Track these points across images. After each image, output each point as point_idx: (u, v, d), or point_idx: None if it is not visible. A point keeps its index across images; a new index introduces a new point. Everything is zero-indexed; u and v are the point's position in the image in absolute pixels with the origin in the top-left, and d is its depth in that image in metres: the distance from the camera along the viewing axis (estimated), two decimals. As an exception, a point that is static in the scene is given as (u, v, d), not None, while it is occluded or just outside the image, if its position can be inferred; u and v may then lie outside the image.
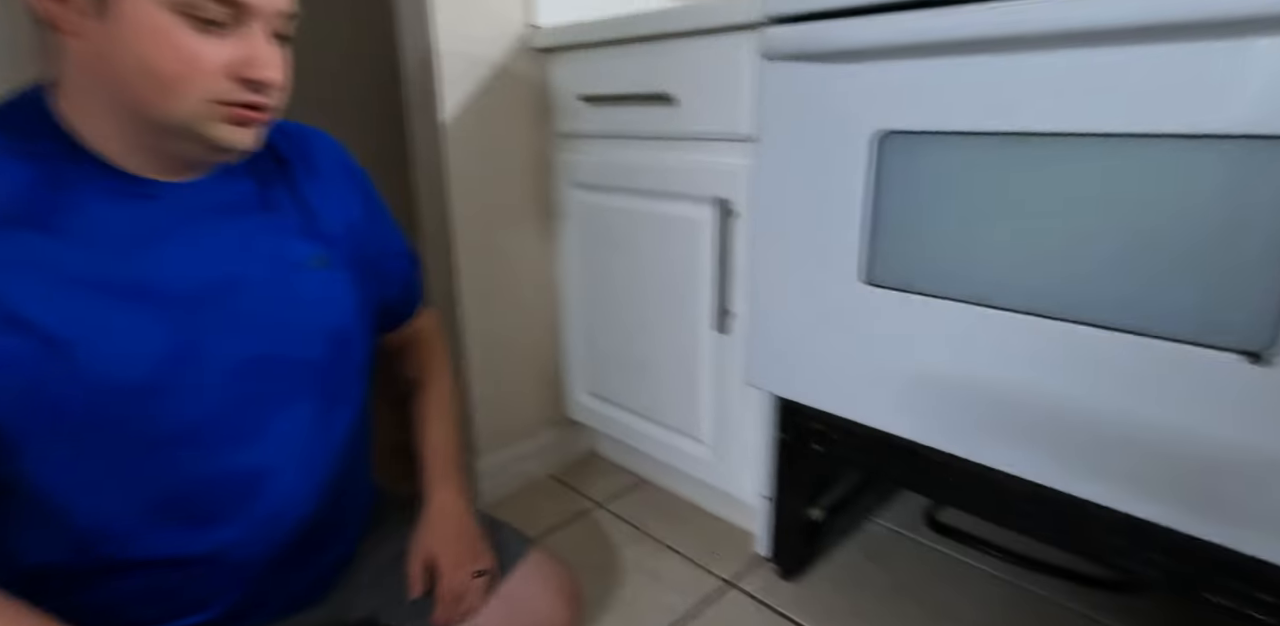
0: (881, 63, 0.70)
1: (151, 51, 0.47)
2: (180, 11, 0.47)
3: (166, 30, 0.47)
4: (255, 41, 0.50)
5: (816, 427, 0.90)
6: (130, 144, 0.52)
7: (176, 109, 0.49)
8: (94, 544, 0.56)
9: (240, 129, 0.52)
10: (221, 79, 0.49)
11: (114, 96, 0.49)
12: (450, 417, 0.81)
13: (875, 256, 0.75)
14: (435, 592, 0.69)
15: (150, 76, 0.48)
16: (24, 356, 0.48)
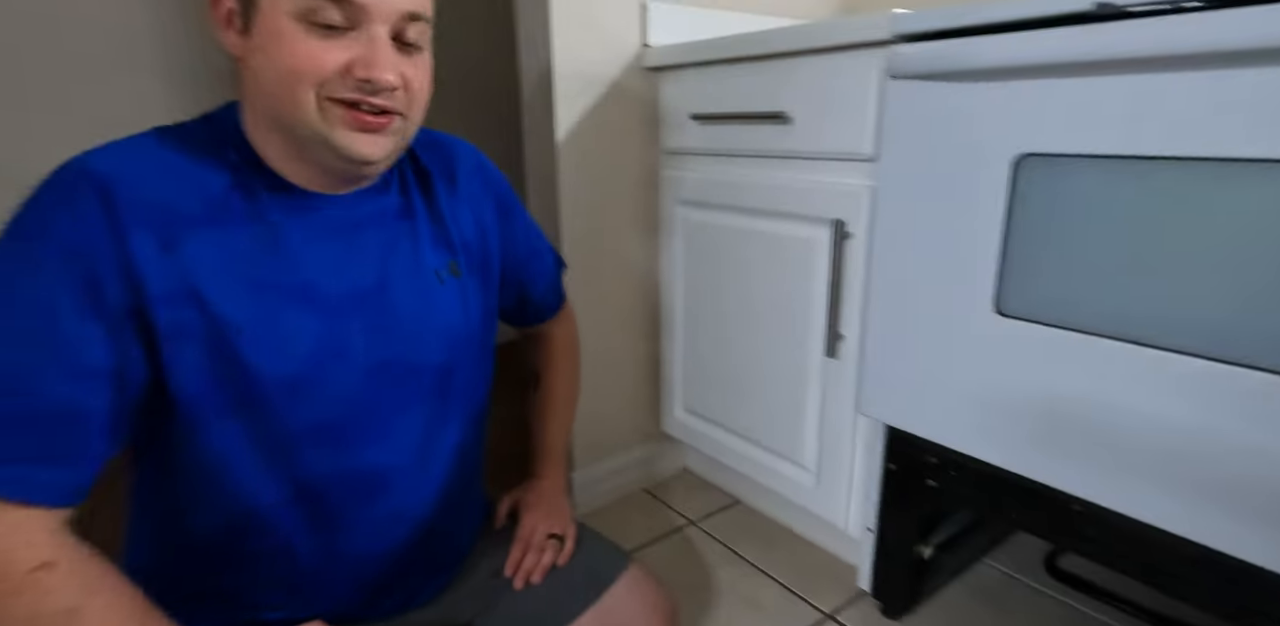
0: (1021, 82, 0.67)
1: (279, 57, 0.50)
2: (302, 18, 0.50)
3: (290, 35, 0.50)
4: (374, 44, 0.51)
5: (930, 461, 0.86)
6: (290, 158, 0.56)
7: (302, 112, 0.51)
8: (238, 529, 0.59)
9: (364, 136, 0.53)
10: (337, 79, 0.51)
11: (266, 109, 0.54)
12: (565, 416, 0.89)
13: (1009, 285, 0.71)
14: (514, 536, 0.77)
15: (279, 81, 0.51)
16: (197, 330, 0.52)
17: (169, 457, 0.56)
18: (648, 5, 1.12)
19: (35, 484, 0.47)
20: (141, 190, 0.50)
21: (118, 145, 0.52)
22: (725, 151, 1.05)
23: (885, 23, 0.78)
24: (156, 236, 0.50)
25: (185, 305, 0.51)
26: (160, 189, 0.51)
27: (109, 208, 0.48)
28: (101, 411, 0.50)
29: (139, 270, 0.49)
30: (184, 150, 0.54)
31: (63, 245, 0.47)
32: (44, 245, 0.47)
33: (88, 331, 0.48)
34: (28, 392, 0.47)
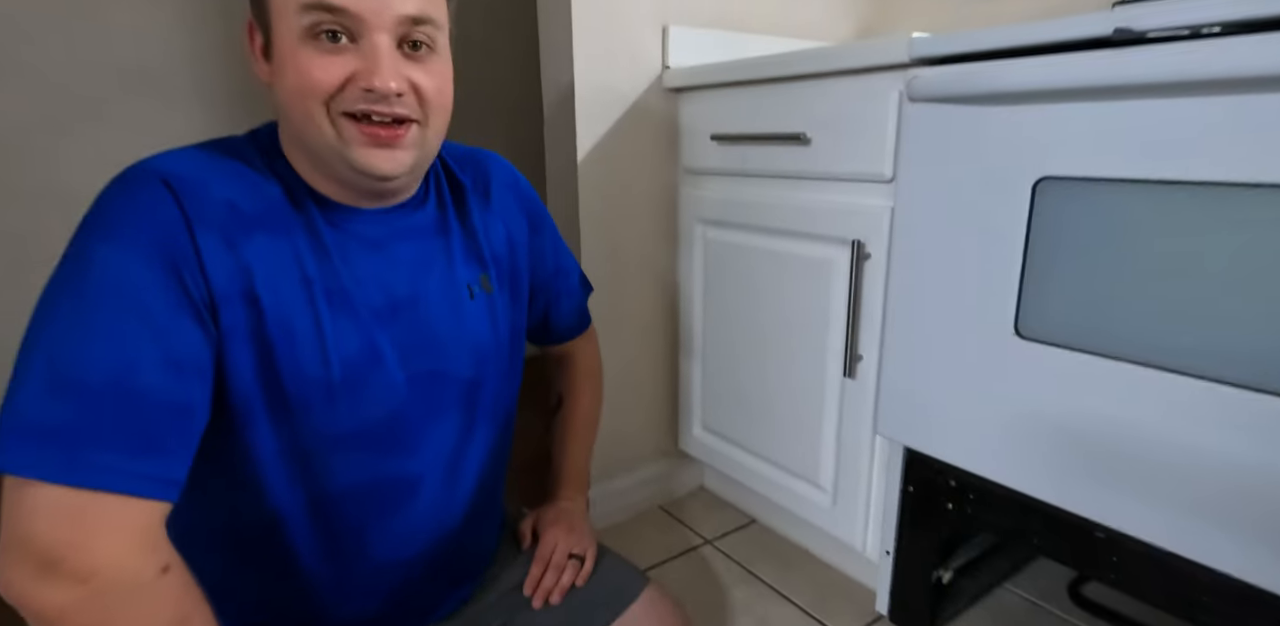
0: (1039, 106, 0.67)
1: (291, 77, 0.52)
2: (308, 36, 0.50)
3: (299, 55, 0.51)
4: (376, 52, 0.51)
5: (949, 483, 0.85)
6: (320, 175, 0.57)
7: (318, 130, 0.52)
8: (261, 530, 0.60)
9: (381, 152, 0.53)
10: (344, 91, 0.51)
11: (291, 130, 0.55)
12: (587, 439, 0.89)
13: (1029, 308, 0.70)
14: (535, 555, 0.77)
15: (293, 102, 0.52)
16: (250, 330, 0.53)
17: (206, 454, 0.57)
18: (669, 28, 1.14)
19: (150, 477, 0.47)
20: (207, 190, 0.51)
21: (179, 152, 0.54)
22: (745, 171, 1.06)
23: (904, 46, 0.79)
24: (221, 235, 0.51)
25: (242, 304, 0.52)
26: (222, 191, 0.52)
27: (181, 206, 0.50)
28: (201, 404, 0.50)
29: (208, 267, 0.50)
30: (239, 160, 0.56)
31: (148, 241, 0.48)
32: (129, 242, 0.48)
33: (181, 324, 0.49)
34: (134, 387, 0.47)
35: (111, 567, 0.45)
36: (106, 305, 0.47)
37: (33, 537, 0.44)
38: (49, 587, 0.44)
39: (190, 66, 1.58)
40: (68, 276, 0.48)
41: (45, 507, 0.44)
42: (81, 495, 0.45)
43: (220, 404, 0.54)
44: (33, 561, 0.44)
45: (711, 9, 1.20)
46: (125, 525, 0.46)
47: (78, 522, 0.45)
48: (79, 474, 0.44)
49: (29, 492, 0.44)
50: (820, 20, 1.38)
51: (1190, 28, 0.58)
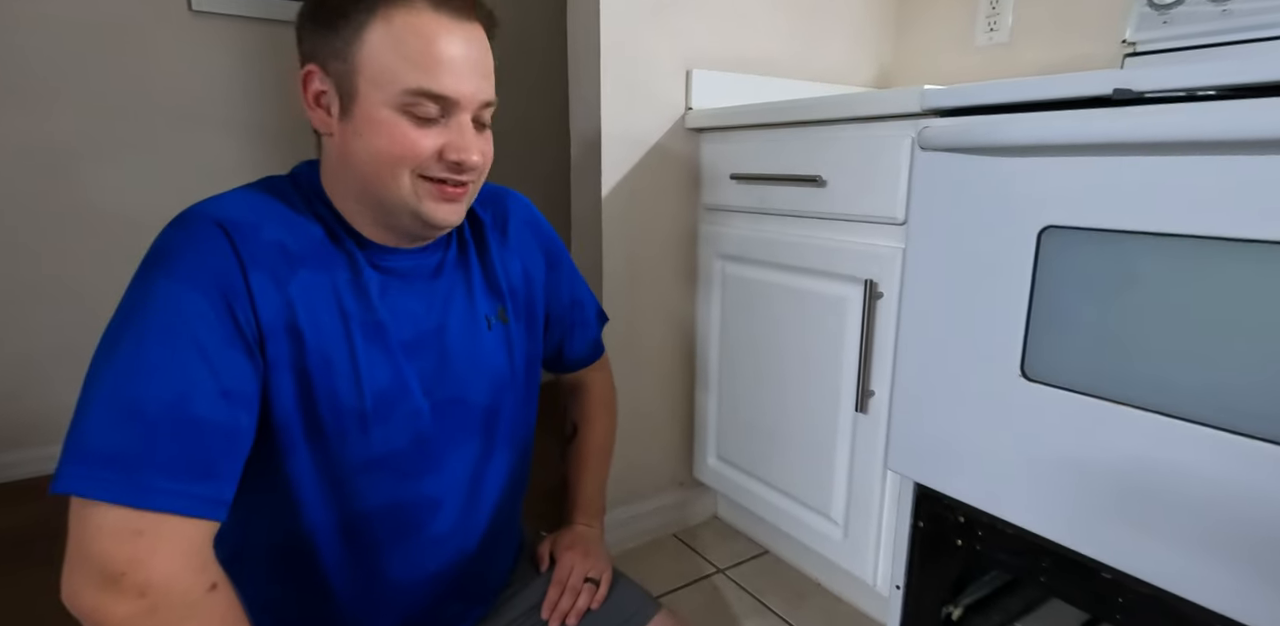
0: (1043, 158, 0.70)
1: (378, 142, 0.57)
2: (402, 109, 0.56)
3: (391, 124, 0.56)
4: (462, 130, 0.58)
5: (958, 520, 0.86)
6: (368, 218, 0.62)
7: (395, 188, 0.58)
8: (291, 547, 0.63)
9: (446, 205, 0.60)
10: (432, 161, 0.58)
11: (354, 180, 0.60)
12: (603, 467, 0.91)
13: (1035, 351, 0.73)
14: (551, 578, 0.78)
15: (377, 162, 0.57)
16: (292, 362, 0.57)
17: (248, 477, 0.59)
18: (692, 72, 1.19)
19: (203, 498, 0.51)
20: (258, 233, 0.56)
21: (230, 196, 0.59)
22: (763, 209, 1.10)
23: (916, 97, 0.82)
24: (270, 274, 0.56)
25: (286, 337, 0.57)
26: (272, 233, 0.57)
27: (235, 247, 0.54)
28: (247, 430, 0.55)
29: (258, 303, 0.55)
30: (283, 202, 0.60)
31: (205, 280, 0.53)
32: (188, 280, 0.52)
33: (233, 357, 0.53)
34: (189, 416, 0.50)
35: (166, 583, 0.49)
36: (165, 338, 0.51)
37: (97, 554, 0.48)
38: (112, 601, 0.48)
39: (236, 100, 1.67)
40: (130, 310, 0.52)
41: (108, 527, 0.48)
42: (141, 515, 0.48)
43: (263, 429, 0.57)
44: (97, 576, 0.48)
45: (735, 54, 1.25)
46: (179, 543, 0.50)
47: (137, 540, 0.48)
48: (138, 496, 0.48)
49: (93, 513, 0.48)
50: (841, 65, 1.43)
51: (1186, 90, 0.61)
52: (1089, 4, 1.20)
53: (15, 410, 1.56)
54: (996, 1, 1.32)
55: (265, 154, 1.71)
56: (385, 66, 0.55)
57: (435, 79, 0.55)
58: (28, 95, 1.46)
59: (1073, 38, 1.23)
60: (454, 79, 0.56)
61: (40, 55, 1.46)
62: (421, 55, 0.55)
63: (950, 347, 0.81)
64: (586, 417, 0.91)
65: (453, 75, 0.56)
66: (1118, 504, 0.68)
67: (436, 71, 0.55)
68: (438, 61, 0.55)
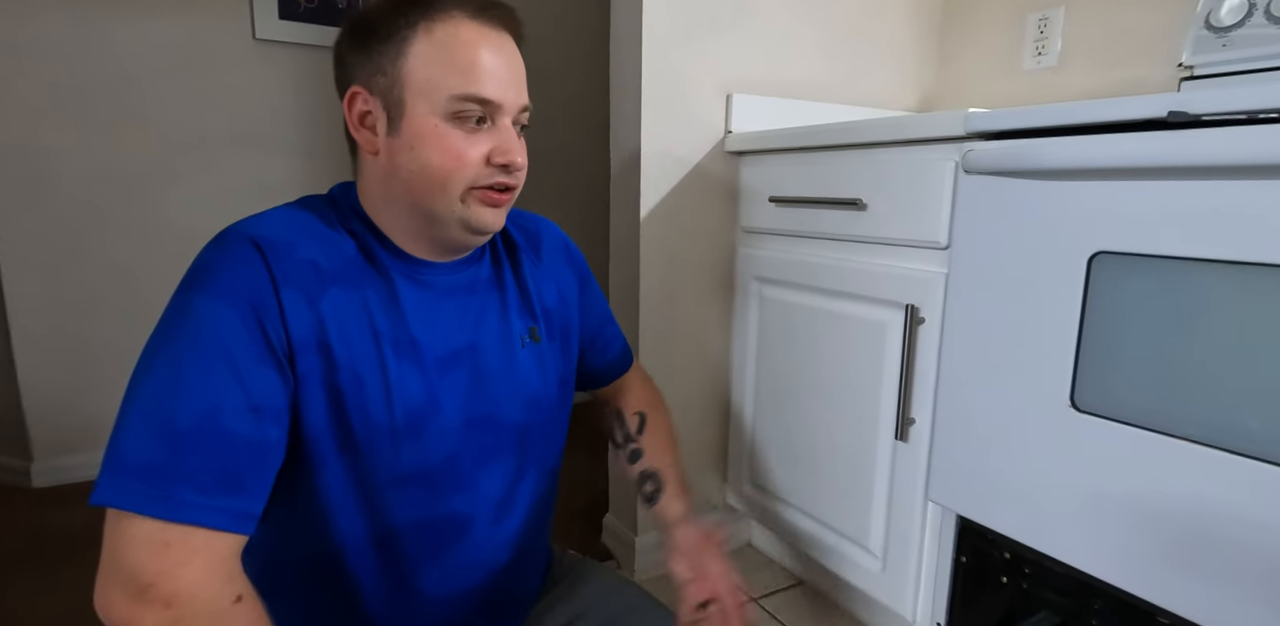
0: (1093, 182, 0.68)
1: (429, 153, 0.58)
2: (451, 117, 0.58)
3: (441, 135, 0.58)
4: (505, 133, 0.60)
5: (1003, 556, 0.83)
6: (411, 234, 0.64)
7: (446, 199, 0.59)
8: (323, 562, 0.64)
9: (491, 210, 0.61)
10: (480, 167, 0.60)
11: (400, 196, 0.61)
12: (677, 451, 0.87)
13: (1086, 381, 0.70)
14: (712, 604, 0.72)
15: (427, 174, 0.59)
16: (322, 378, 0.58)
17: (281, 491, 0.61)
18: (732, 96, 1.20)
19: (231, 512, 0.51)
20: (291, 252, 0.58)
21: (268, 215, 0.61)
22: (801, 233, 1.09)
23: (960, 120, 0.82)
24: (302, 291, 0.57)
25: (317, 353, 0.58)
26: (305, 251, 0.59)
27: (268, 265, 0.56)
28: (277, 444, 0.56)
29: (289, 319, 0.56)
30: (318, 220, 0.62)
31: (238, 296, 0.54)
32: (221, 296, 0.54)
33: (263, 372, 0.54)
34: (220, 429, 0.51)
35: (192, 594, 0.50)
36: (197, 354, 0.53)
37: (128, 565, 0.49)
38: (141, 611, 0.49)
39: (293, 123, 1.74)
40: (168, 326, 0.54)
41: (140, 538, 0.49)
42: (171, 527, 0.50)
43: (295, 444, 0.58)
44: (128, 586, 0.49)
45: (775, 78, 1.26)
46: (206, 555, 0.51)
47: (165, 552, 0.49)
48: (168, 508, 0.49)
49: (125, 524, 0.50)
50: (883, 90, 1.43)
51: (1247, 113, 0.59)
52: (1142, 27, 1.18)
53: (75, 414, 1.62)
54: (1045, 25, 1.30)
55: (319, 174, 1.77)
56: (431, 75, 0.57)
57: (480, 84, 0.58)
58: (110, 120, 1.55)
59: (1124, 62, 1.21)
60: (497, 83, 0.58)
61: (121, 83, 1.55)
62: (467, 62, 0.57)
63: (996, 375, 0.78)
64: (649, 404, 0.89)
65: (495, 80, 0.58)
66: (1175, 544, 0.64)
67: (481, 77, 0.58)
68: (481, 68, 0.58)
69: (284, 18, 1.67)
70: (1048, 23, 1.30)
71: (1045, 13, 1.30)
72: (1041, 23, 1.30)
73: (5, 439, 1.61)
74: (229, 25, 1.63)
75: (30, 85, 1.48)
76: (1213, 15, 1.01)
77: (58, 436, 1.61)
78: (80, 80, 1.51)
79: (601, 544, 1.35)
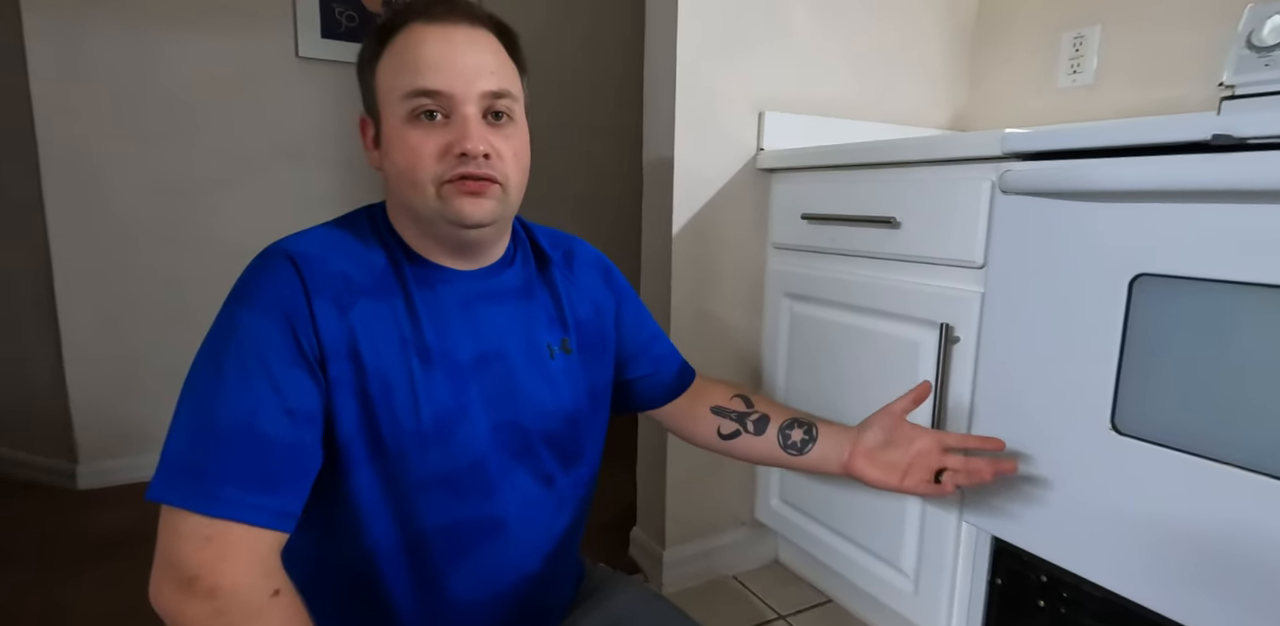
0: (1135, 204, 0.68)
1: (395, 156, 0.61)
2: (409, 118, 0.59)
3: (402, 136, 0.60)
4: (464, 124, 0.59)
5: (1040, 579, 0.82)
6: (425, 239, 0.66)
7: (422, 196, 0.60)
8: (357, 566, 0.65)
9: (471, 199, 0.61)
10: (439, 161, 0.59)
11: (399, 200, 0.64)
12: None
13: (1127, 404, 0.70)
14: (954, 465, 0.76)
15: (399, 176, 0.61)
16: (353, 384, 0.60)
17: (317, 495, 0.63)
18: (764, 113, 1.21)
19: (268, 509, 0.54)
20: (324, 265, 0.61)
21: (307, 233, 0.64)
22: (833, 250, 1.09)
23: (997, 140, 0.82)
24: (333, 302, 0.60)
25: (347, 361, 0.60)
26: (337, 265, 0.62)
27: (302, 278, 0.59)
28: (313, 447, 0.58)
29: (320, 327, 0.59)
30: (352, 235, 0.65)
31: (273, 307, 0.58)
32: (258, 307, 0.58)
33: (297, 377, 0.57)
34: (256, 431, 0.54)
35: (232, 587, 0.52)
36: (237, 361, 0.56)
37: (175, 558, 0.52)
38: (186, 602, 0.52)
39: (334, 138, 1.79)
40: (213, 337, 0.58)
41: (184, 533, 0.53)
42: (212, 523, 0.53)
43: (329, 448, 0.61)
44: (175, 578, 0.52)
45: (807, 96, 1.27)
46: (245, 550, 0.54)
47: (207, 546, 0.53)
48: (209, 504, 0.53)
49: (175, 519, 0.53)
50: (914, 108, 1.43)
51: (1293, 137, 0.59)
52: (1180, 46, 1.17)
53: (120, 419, 1.67)
54: (1081, 43, 1.30)
55: (359, 186, 1.81)
56: (390, 82, 0.60)
57: (422, 76, 0.59)
58: (160, 136, 1.61)
59: (1162, 80, 1.20)
60: (440, 73, 0.59)
61: (172, 100, 1.61)
62: (412, 59, 0.59)
63: (1034, 396, 0.78)
64: (742, 388, 0.89)
65: (438, 70, 0.59)
66: (1218, 570, 0.63)
67: (422, 69, 0.59)
68: (423, 61, 0.59)
69: (325, 36, 1.73)
70: (1083, 41, 1.29)
71: (1081, 31, 1.30)
72: (1077, 41, 1.30)
73: (53, 442, 1.66)
74: (273, 44, 1.68)
75: (86, 103, 1.54)
76: (1255, 34, 1.00)
77: (103, 440, 1.66)
78: (133, 97, 1.58)
79: (629, 557, 1.35)
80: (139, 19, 1.55)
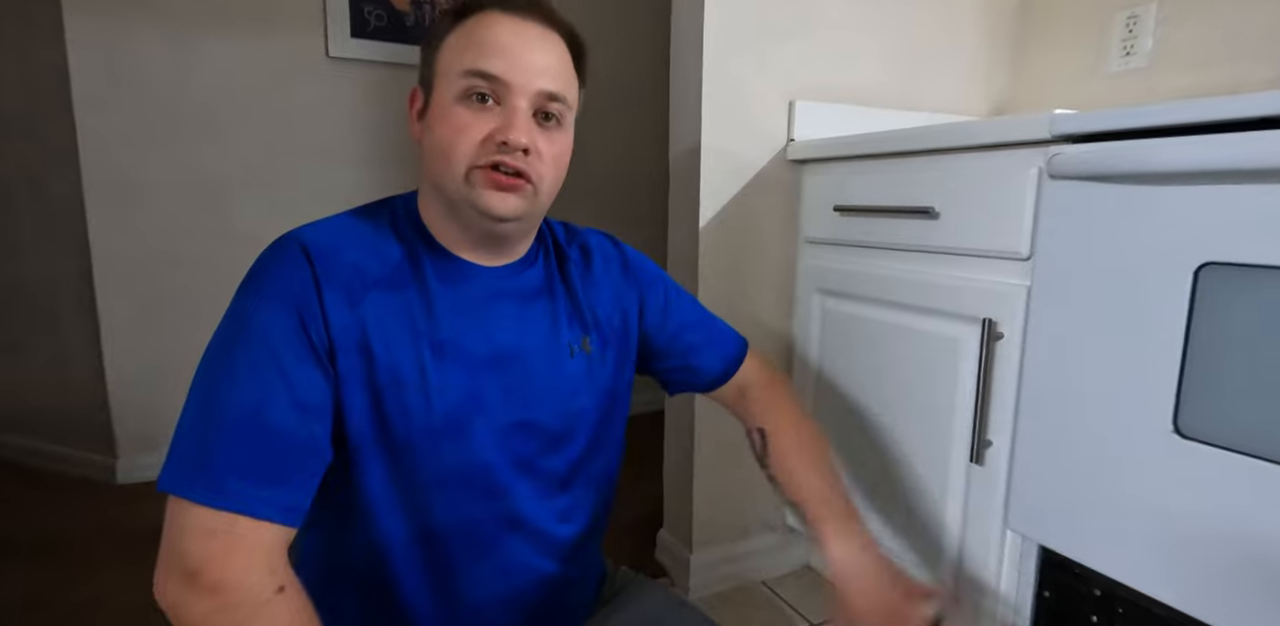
0: (1200, 187, 0.63)
1: (441, 130, 0.59)
2: (461, 96, 0.59)
3: (451, 112, 0.59)
4: (513, 114, 0.59)
5: (1092, 593, 0.76)
6: (449, 229, 0.64)
7: (453, 177, 0.59)
8: (371, 564, 0.63)
9: (499, 194, 0.59)
10: (480, 144, 0.58)
11: (430, 181, 0.62)
12: (818, 461, 0.77)
13: (1191, 404, 0.64)
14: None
15: (437, 150, 0.60)
16: (363, 377, 0.59)
17: (328, 491, 0.61)
18: (795, 103, 1.17)
19: (274, 503, 0.53)
20: (336, 256, 0.59)
21: (320, 222, 0.63)
22: (868, 243, 1.05)
23: (1045, 123, 0.77)
24: (344, 294, 0.58)
25: (357, 354, 0.59)
26: (350, 255, 0.60)
27: (313, 269, 0.58)
28: (322, 441, 0.57)
29: (330, 320, 0.57)
30: (370, 226, 0.64)
31: (283, 297, 0.57)
32: (268, 297, 0.57)
33: (305, 370, 0.56)
34: (264, 423, 0.53)
35: (236, 582, 0.51)
36: (246, 351, 0.55)
37: (180, 552, 0.51)
38: (191, 597, 0.50)
39: (364, 137, 1.80)
40: (224, 326, 0.57)
41: (190, 525, 0.51)
42: (218, 515, 0.51)
43: (339, 443, 0.59)
44: (180, 573, 0.51)
45: (840, 85, 1.22)
46: (250, 545, 0.52)
47: (211, 540, 0.51)
48: (214, 496, 0.51)
49: (180, 512, 0.52)
50: (953, 96, 1.37)
51: (1384, 109, 0.53)
52: (1242, 26, 1.09)
53: (158, 414, 1.70)
54: (1134, 23, 1.22)
55: (388, 185, 1.82)
56: (452, 58, 0.60)
57: (487, 59, 0.58)
58: (197, 135, 1.64)
59: (1221, 62, 1.13)
60: (506, 61, 0.58)
61: (208, 101, 1.63)
62: (480, 40, 0.59)
63: (1086, 396, 0.73)
64: (774, 418, 0.81)
65: (504, 58, 0.58)
66: (1301, 590, 0.57)
67: (489, 52, 0.58)
68: (491, 44, 0.58)
69: (355, 36, 1.73)
70: (1137, 21, 1.22)
71: (1134, 10, 1.23)
72: (1130, 21, 1.23)
73: (93, 436, 1.70)
74: (304, 44, 1.70)
75: (125, 104, 1.57)
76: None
77: (142, 435, 1.70)
78: (170, 99, 1.60)
79: (655, 560, 1.32)
80: (175, 22, 1.58)
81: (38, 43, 1.54)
